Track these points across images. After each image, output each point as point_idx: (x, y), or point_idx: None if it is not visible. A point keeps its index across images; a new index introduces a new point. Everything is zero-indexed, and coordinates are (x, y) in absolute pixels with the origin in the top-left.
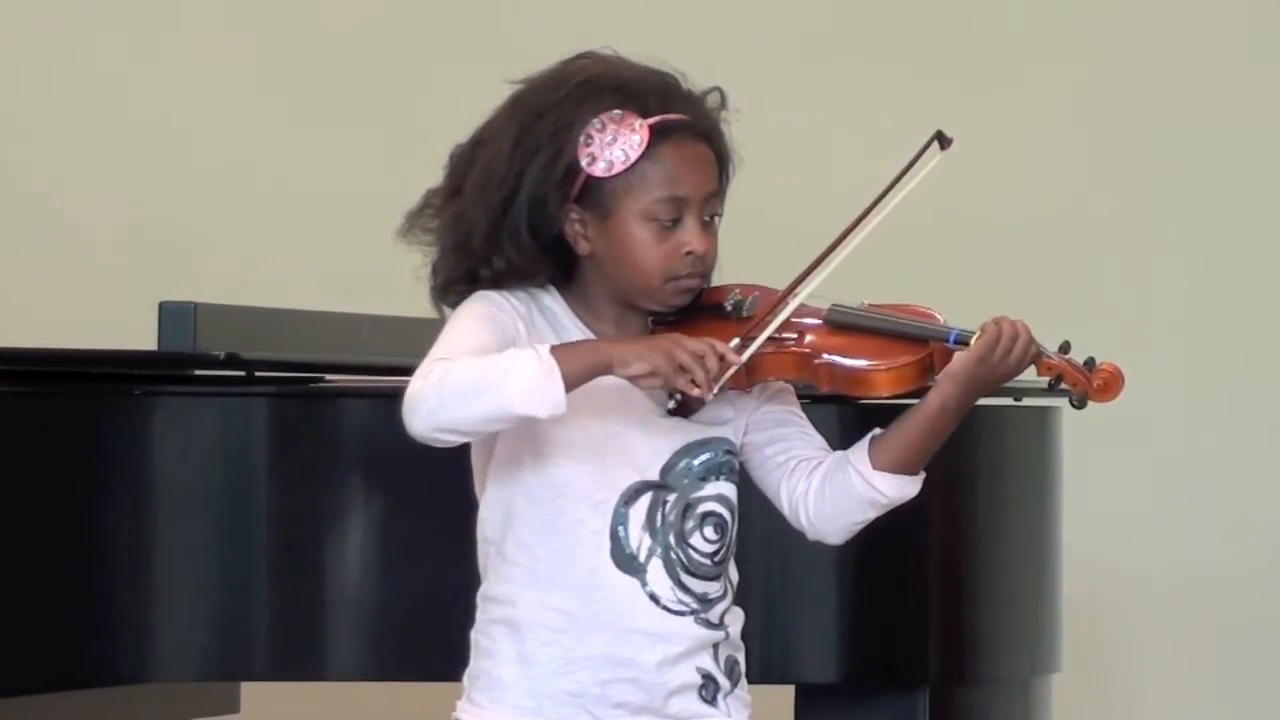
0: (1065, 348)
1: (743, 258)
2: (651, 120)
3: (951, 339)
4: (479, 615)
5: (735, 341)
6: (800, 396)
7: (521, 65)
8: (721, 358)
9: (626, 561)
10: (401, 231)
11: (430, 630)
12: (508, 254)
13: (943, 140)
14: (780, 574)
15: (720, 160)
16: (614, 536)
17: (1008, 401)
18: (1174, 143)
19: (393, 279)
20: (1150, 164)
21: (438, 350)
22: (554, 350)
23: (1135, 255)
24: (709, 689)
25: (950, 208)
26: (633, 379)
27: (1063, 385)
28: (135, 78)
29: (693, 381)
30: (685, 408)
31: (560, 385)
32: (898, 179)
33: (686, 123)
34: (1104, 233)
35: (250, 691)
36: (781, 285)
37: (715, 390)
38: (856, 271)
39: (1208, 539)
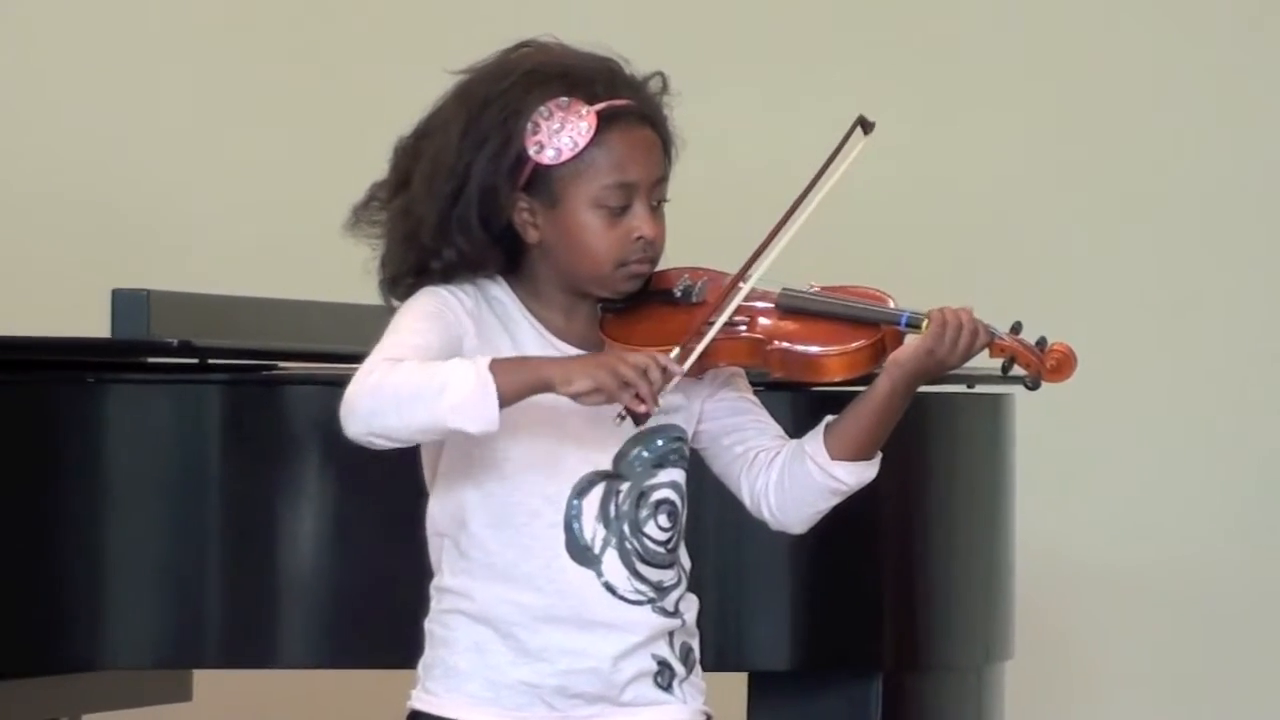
0: (1017, 328)
1: (688, 242)
2: (599, 107)
3: (903, 321)
4: (434, 605)
5: (675, 351)
6: (753, 383)
7: (466, 56)
8: (664, 369)
9: (581, 553)
10: (348, 225)
11: (383, 618)
12: (458, 245)
13: (865, 125)
14: (733, 562)
15: (665, 145)
16: (568, 529)
17: (960, 389)
18: (1141, 119)
19: (345, 266)
20: (1118, 142)
21: (382, 349)
22: (494, 365)
23: (1095, 239)
24: (664, 675)
25: (908, 188)
26: (576, 396)
27: (1015, 367)
28: (87, 63)
29: (637, 396)
30: (635, 418)
31: (494, 403)
32: (823, 168)
33: (632, 108)
34: (1066, 215)
35: (203, 679)
36: (728, 268)
37: (660, 402)
38: (807, 254)
39: (1162, 526)
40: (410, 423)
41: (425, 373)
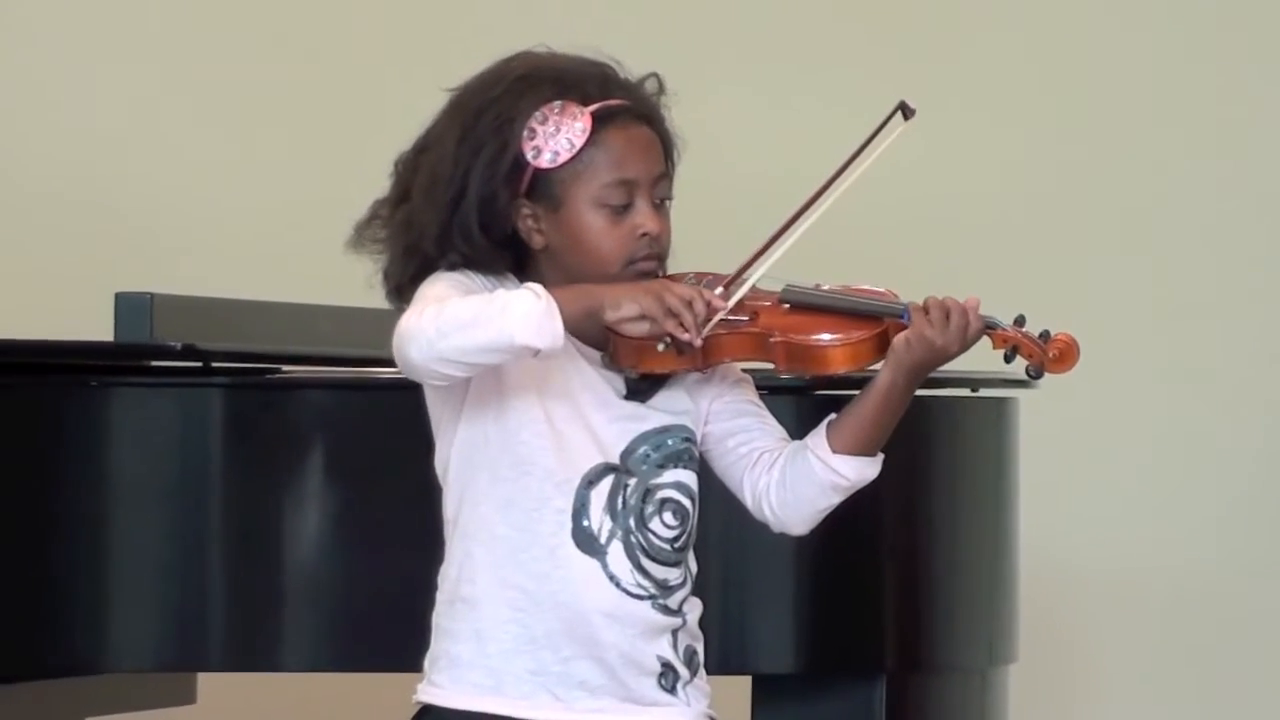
0: (1020, 320)
1: (694, 244)
2: (593, 107)
3: (906, 316)
4: (438, 595)
5: (719, 289)
6: (758, 387)
7: (467, 59)
8: (709, 304)
9: (587, 542)
10: (351, 242)
11: (389, 621)
12: (461, 250)
13: (905, 111)
14: (737, 565)
15: (664, 143)
16: (576, 516)
17: (964, 392)
18: (1143, 121)
19: (349, 270)
20: (1119, 144)
21: (416, 308)
22: (550, 290)
23: (1098, 242)
24: (668, 678)
25: (910, 189)
26: (622, 322)
27: (1018, 357)
28: (90, 67)
29: (681, 325)
30: (679, 346)
31: (559, 319)
32: (860, 150)
33: (627, 107)
34: (1068, 217)
35: (207, 682)
36: (729, 270)
37: (701, 336)
38: (813, 253)
39: (1166, 530)
40: (476, 341)
41: (483, 299)
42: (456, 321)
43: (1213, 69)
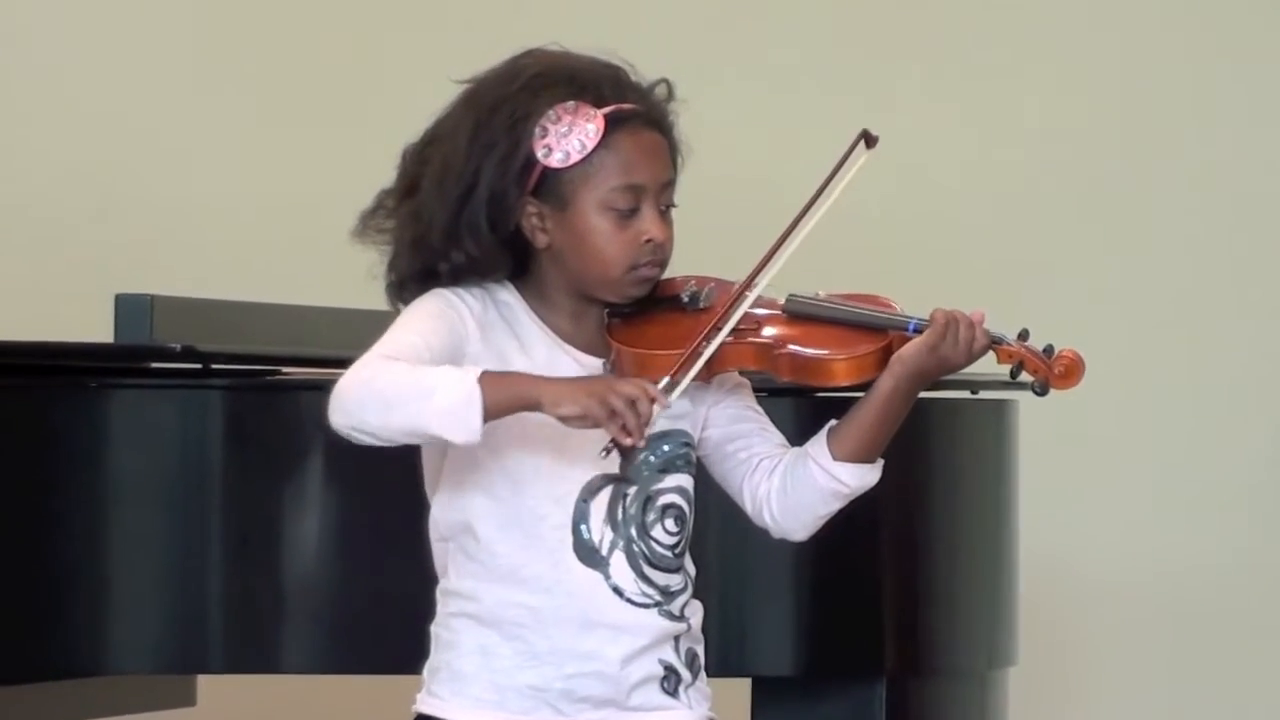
0: (1024, 335)
1: (691, 248)
2: (606, 110)
3: (911, 328)
4: (439, 609)
5: (665, 381)
6: (757, 389)
7: (472, 64)
8: (653, 400)
9: (589, 555)
10: (356, 231)
11: (388, 623)
12: (467, 248)
13: (868, 139)
14: (736, 568)
15: (672, 149)
16: (576, 530)
17: (964, 394)
18: (1148, 125)
19: (349, 271)
20: (1124, 148)
21: (382, 344)
22: (484, 378)
23: (1091, 247)
24: (670, 681)
25: (912, 194)
26: (562, 419)
27: (1023, 373)
28: (88, 69)
29: (624, 428)
30: (621, 451)
31: (479, 415)
32: (826, 181)
33: (640, 111)
34: (1065, 225)
35: (207, 685)
36: (730, 274)
37: (646, 436)
38: (812, 261)
39: (1166, 535)
40: (392, 422)
41: (415, 375)
42: (381, 398)
43: (1217, 67)
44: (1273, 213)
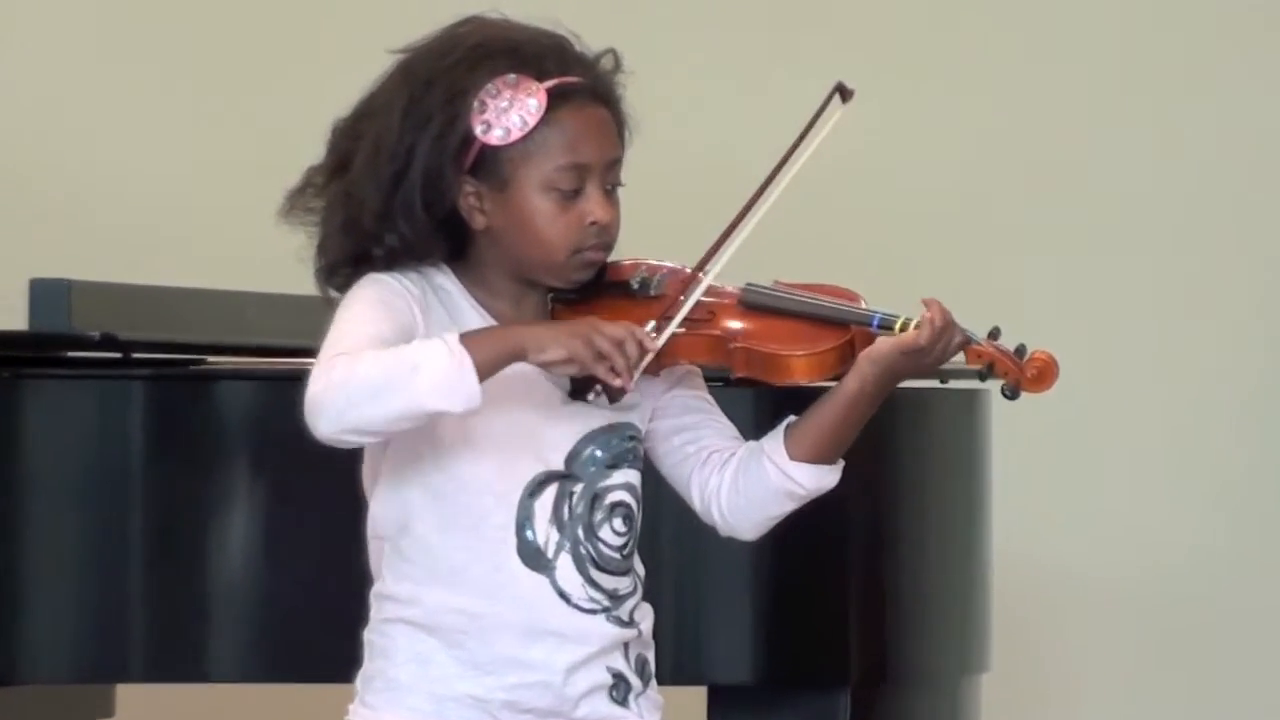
0: (995, 333)
1: (643, 230)
2: (549, 84)
3: (875, 323)
4: (373, 614)
5: (651, 325)
6: (711, 379)
7: (408, 32)
8: (640, 343)
9: (533, 557)
10: (283, 211)
11: (318, 629)
12: (401, 231)
13: (844, 92)
14: (692, 570)
15: (619, 125)
16: (519, 531)
17: (934, 384)
18: (1128, 115)
19: (278, 254)
20: (1100, 137)
21: (333, 343)
22: (463, 338)
23: (1060, 241)
24: (620, 689)
25: (880, 173)
26: (547, 365)
27: (994, 374)
28: (3, 47)
29: (612, 369)
30: (610, 394)
31: (474, 377)
32: (801, 137)
33: (585, 86)
34: (1030, 216)
35: (126, 694)
36: (684, 261)
37: (635, 379)
38: (770, 241)
39: (1142, 536)
40: (387, 412)
41: (393, 357)
42: (366, 388)
43: (1204, 60)
44: (1248, 206)
